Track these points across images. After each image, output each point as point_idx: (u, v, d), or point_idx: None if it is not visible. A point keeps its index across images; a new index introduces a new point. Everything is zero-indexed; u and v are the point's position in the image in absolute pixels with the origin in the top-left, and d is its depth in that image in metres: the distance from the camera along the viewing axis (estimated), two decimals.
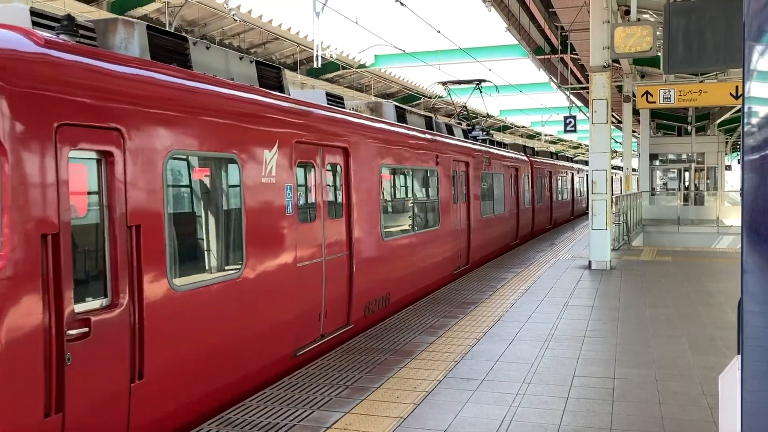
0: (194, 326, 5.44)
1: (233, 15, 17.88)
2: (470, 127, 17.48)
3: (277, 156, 6.64)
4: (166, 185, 5.20)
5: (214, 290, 5.68)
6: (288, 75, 25.28)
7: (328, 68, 25.45)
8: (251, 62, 7.02)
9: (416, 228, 10.94)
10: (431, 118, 12.94)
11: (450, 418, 5.32)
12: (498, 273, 13.15)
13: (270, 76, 7.31)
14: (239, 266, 6.05)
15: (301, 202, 7.26)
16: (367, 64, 27.15)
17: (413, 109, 12.14)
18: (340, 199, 8.15)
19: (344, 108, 9.02)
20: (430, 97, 33.98)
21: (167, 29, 6.73)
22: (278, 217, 6.68)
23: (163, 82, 5.30)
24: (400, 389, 6.01)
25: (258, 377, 6.32)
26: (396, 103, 10.75)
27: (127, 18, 6.28)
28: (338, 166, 8.13)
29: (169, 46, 5.90)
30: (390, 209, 10.13)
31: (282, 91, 7.42)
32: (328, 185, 7.92)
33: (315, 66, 19.09)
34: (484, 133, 17.72)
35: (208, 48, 6.40)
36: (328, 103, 8.55)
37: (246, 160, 6.17)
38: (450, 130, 14.03)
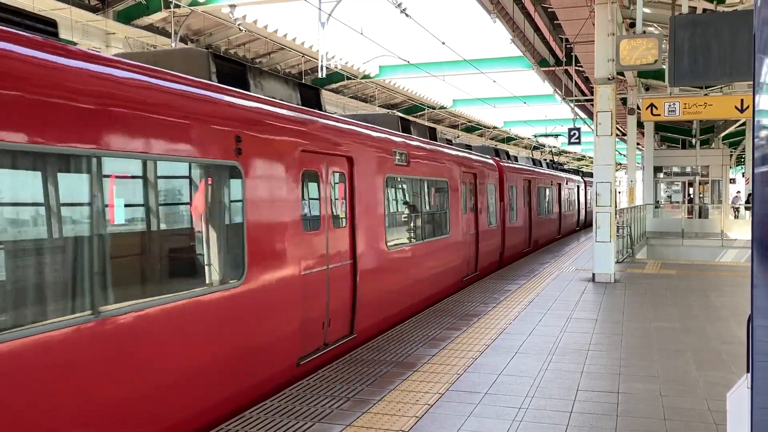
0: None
1: (239, 25, 17.95)
2: None
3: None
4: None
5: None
6: None
7: (333, 78, 25.54)
8: (295, 86, 7.76)
9: None
10: None
11: None
12: (501, 285, 13.09)
13: (310, 96, 8.13)
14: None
15: None
16: (371, 75, 27.21)
17: None
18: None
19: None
20: (433, 108, 34.00)
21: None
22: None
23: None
24: (402, 402, 5.95)
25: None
26: None
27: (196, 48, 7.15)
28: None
29: (233, 73, 6.61)
30: None
31: (320, 108, 8.13)
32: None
33: (320, 76, 19.14)
34: None
35: (260, 73, 7.14)
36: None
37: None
38: None
